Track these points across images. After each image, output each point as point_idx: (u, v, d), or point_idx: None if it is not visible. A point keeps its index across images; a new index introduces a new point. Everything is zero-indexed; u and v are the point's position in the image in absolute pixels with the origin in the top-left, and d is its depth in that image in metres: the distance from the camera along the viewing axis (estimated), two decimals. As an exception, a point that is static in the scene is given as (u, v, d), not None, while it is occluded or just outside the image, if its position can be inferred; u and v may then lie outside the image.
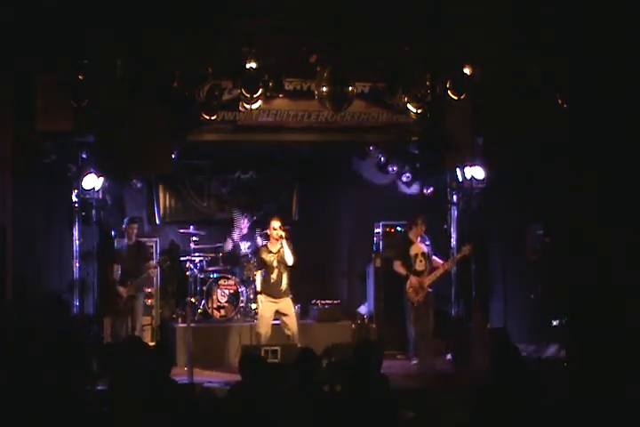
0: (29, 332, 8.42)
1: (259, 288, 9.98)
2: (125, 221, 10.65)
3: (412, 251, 10.39)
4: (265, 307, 9.79)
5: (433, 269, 10.39)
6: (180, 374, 8.18)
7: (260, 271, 10.04)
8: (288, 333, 9.72)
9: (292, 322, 9.77)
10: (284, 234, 9.72)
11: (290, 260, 9.74)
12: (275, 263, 9.80)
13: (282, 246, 9.74)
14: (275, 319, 9.86)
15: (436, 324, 10.49)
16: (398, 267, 10.38)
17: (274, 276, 9.79)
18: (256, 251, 10.55)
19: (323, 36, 8.34)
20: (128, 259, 10.42)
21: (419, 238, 10.44)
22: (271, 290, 9.79)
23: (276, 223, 9.79)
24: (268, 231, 9.97)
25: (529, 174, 10.02)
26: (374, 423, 5.52)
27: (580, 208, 8.77)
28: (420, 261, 10.38)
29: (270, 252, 9.83)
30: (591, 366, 7.57)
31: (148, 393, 5.48)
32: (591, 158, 8.59)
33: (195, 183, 12.42)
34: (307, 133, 10.11)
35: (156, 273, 10.97)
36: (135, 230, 10.59)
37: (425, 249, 10.43)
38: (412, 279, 10.24)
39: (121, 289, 10.21)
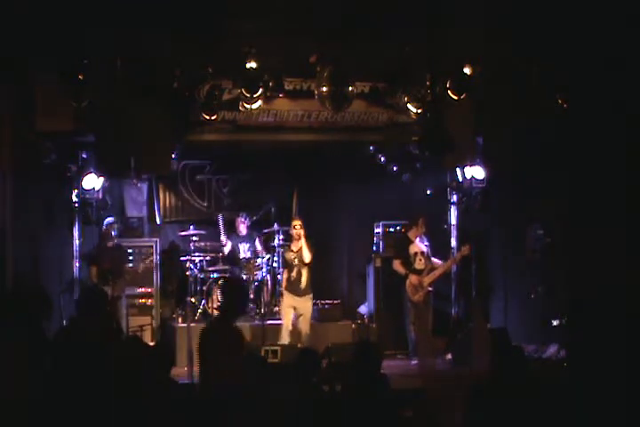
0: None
1: (283, 285, 10.36)
2: (105, 222, 10.70)
3: (412, 250, 10.41)
4: (285, 301, 10.22)
5: (432, 268, 10.40)
6: (180, 374, 8.17)
7: (285, 270, 10.38)
8: (297, 330, 10.00)
9: (304, 322, 10.07)
10: (302, 232, 10.08)
11: (306, 257, 10.08)
12: (295, 262, 10.18)
13: (302, 245, 10.08)
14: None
15: (435, 324, 10.49)
16: (397, 266, 10.41)
17: (294, 274, 10.17)
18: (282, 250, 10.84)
19: (323, 36, 8.34)
20: (108, 261, 10.50)
21: (417, 238, 10.45)
22: (291, 287, 10.18)
23: (296, 222, 10.20)
24: (290, 231, 10.33)
25: (529, 174, 10.02)
26: (374, 423, 5.52)
27: (579, 208, 8.78)
28: (420, 260, 10.39)
29: (292, 251, 10.21)
30: (591, 366, 7.56)
31: (149, 393, 5.48)
32: (591, 158, 8.58)
33: (195, 183, 12.44)
34: (307, 133, 10.12)
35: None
36: (114, 232, 10.72)
37: (424, 248, 10.45)
38: (412, 278, 10.25)
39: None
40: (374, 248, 11.78)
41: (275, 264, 11.43)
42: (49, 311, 6.04)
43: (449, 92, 8.68)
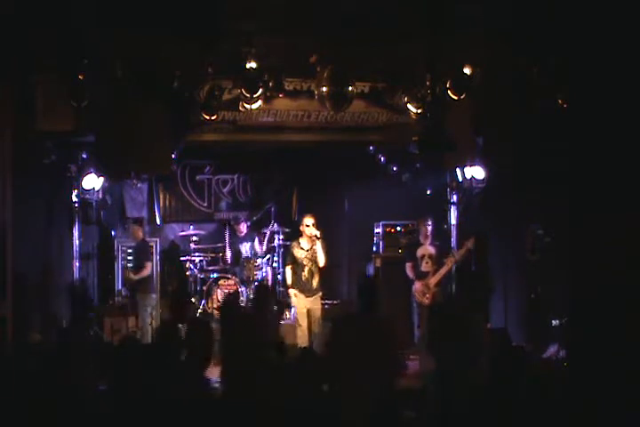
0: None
1: (289, 282, 9.97)
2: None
3: (419, 252, 10.33)
4: (299, 302, 9.86)
5: (438, 268, 10.31)
6: (179, 374, 8.16)
7: (289, 266, 10.00)
8: (312, 331, 9.80)
9: (316, 322, 9.81)
10: (318, 234, 9.72)
11: (322, 261, 9.80)
12: (305, 261, 9.83)
13: (315, 245, 9.74)
14: None
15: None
16: (408, 269, 10.27)
17: (305, 273, 9.84)
18: (288, 245, 10.42)
19: (323, 36, 8.34)
20: None
21: (428, 240, 10.36)
22: (302, 287, 9.85)
23: (309, 220, 9.78)
24: (300, 228, 9.91)
25: (529, 174, 10.01)
26: (374, 423, 5.52)
27: (579, 208, 8.77)
28: (427, 262, 10.26)
29: (302, 248, 9.86)
30: (591, 366, 7.56)
31: (150, 393, 5.47)
32: (591, 158, 8.57)
33: (195, 183, 12.47)
34: (307, 133, 10.12)
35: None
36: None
37: (432, 251, 10.33)
38: (416, 284, 10.10)
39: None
40: (374, 248, 11.78)
41: (275, 264, 11.45)
42: None
43: (449, 92, 8.68)
